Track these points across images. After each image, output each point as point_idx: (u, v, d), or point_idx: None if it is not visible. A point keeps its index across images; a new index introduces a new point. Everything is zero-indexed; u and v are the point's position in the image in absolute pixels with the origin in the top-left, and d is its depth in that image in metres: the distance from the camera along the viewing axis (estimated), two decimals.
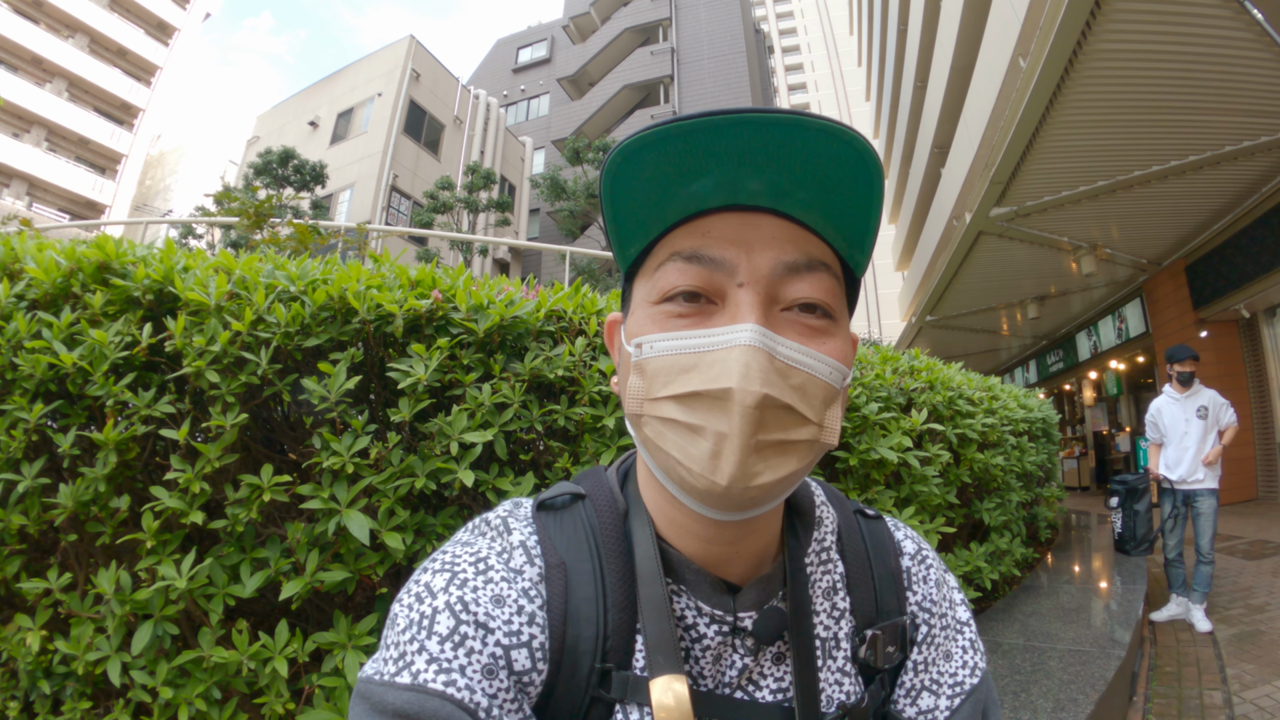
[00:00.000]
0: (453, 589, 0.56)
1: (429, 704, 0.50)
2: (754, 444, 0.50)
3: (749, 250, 0.54)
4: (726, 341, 0.51)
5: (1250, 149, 7.69)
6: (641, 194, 0.54)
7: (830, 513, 0.73)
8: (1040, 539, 6.06)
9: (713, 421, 0.50)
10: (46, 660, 1.85)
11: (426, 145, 24.33)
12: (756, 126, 0.49)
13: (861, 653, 0.67)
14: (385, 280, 2.01)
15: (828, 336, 0.55)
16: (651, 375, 0.54)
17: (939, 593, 0.75)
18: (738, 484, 0.50)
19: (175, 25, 34.75)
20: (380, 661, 0.54)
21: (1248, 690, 3.76)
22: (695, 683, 0.61)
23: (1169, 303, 11.79)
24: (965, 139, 12.05)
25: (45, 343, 1.82)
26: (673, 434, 0.52)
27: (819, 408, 0.53)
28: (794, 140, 0.49)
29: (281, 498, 1.76)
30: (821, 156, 0.51)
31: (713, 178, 0.52)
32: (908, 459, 2.93)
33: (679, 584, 0.61)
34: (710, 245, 0.54)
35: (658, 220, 0.56)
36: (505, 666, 0.54)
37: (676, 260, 0.55)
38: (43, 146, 29.41)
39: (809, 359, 0.53)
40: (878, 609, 0.70)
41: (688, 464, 0.52)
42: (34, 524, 1.83)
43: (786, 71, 72.76)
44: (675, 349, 0.53)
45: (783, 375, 0.51)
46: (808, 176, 0.52)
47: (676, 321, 0.54)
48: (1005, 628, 3.62)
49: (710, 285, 0.54)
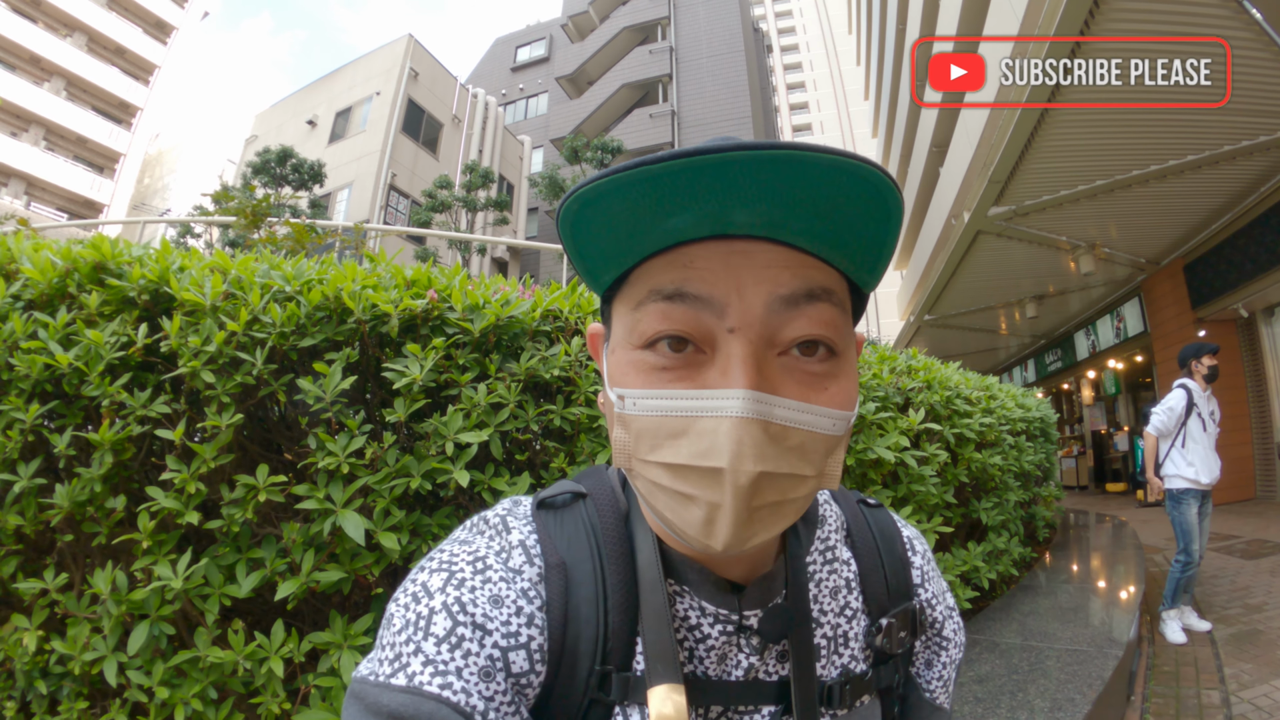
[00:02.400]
0: (450, 589, 0.54)
1: (424, 707, 0.49)
2: (750, 511, 0.48)
3: (739, 286, 0.49)
4: (716, 409, 0.47)
5: (1249, 149, 7.70)
6: (608, 234, 0.49)
7: (834, 510, 0.73)
8: (1038, 538, 6.06)
9: (705, 492, 0.48)
10: (43, 660, 1.85)
11: (425, 144, 24.33)
12: (746, 165, 0.42)
13: (878, 641, 0.67)
14: (381, 280, 2.01)
15: (830, 380, 0.52)
16: (637, 434, 0.52)
17: (937, 587, 0.77)
18: (733, 547, 0.49)
19: (174, 24, 34.74)
20: (375, 662, 0.53)
21: (1245, 690, 3.77)
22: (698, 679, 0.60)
23: (1167, 302, 11.80)
24: (964, 138, 12.04)
25: (41, 343, 1.82)
26: (665, 497, 0.51)
27: (819, 460, 0.51)
28: (790, 174, 0.43)
29: (277, 498, 1.76)
30: (825, 189, 0.45)
31: (693, 213, 0.46)
32: (905, 458, 2.93)
33: (682, 585, 0.61)
34: (694, 280, 0.49)
35: (630, 254, 0.51)
36: (503, 669, 0.53)
37: (657, 300, 0.50)
38: (41, 145, 29.40)
39: (809, 415, 0.49)
40: (889, 595, 0.71)
41: (681, 526, 0.50)
42: (30, 524, 1.83)
43: (785, 70, 72.74)
44: (662, 409, 0.50)
45: (779, 440, 0.48)
46: (808, 206, 0.46)
47: (661, 375, 0.50)
48: (1003, 627, 3.62)
49: (697, 329, 0.50)
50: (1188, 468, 4.90)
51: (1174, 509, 4.95)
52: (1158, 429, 5.05)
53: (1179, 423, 5.01)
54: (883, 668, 0.68)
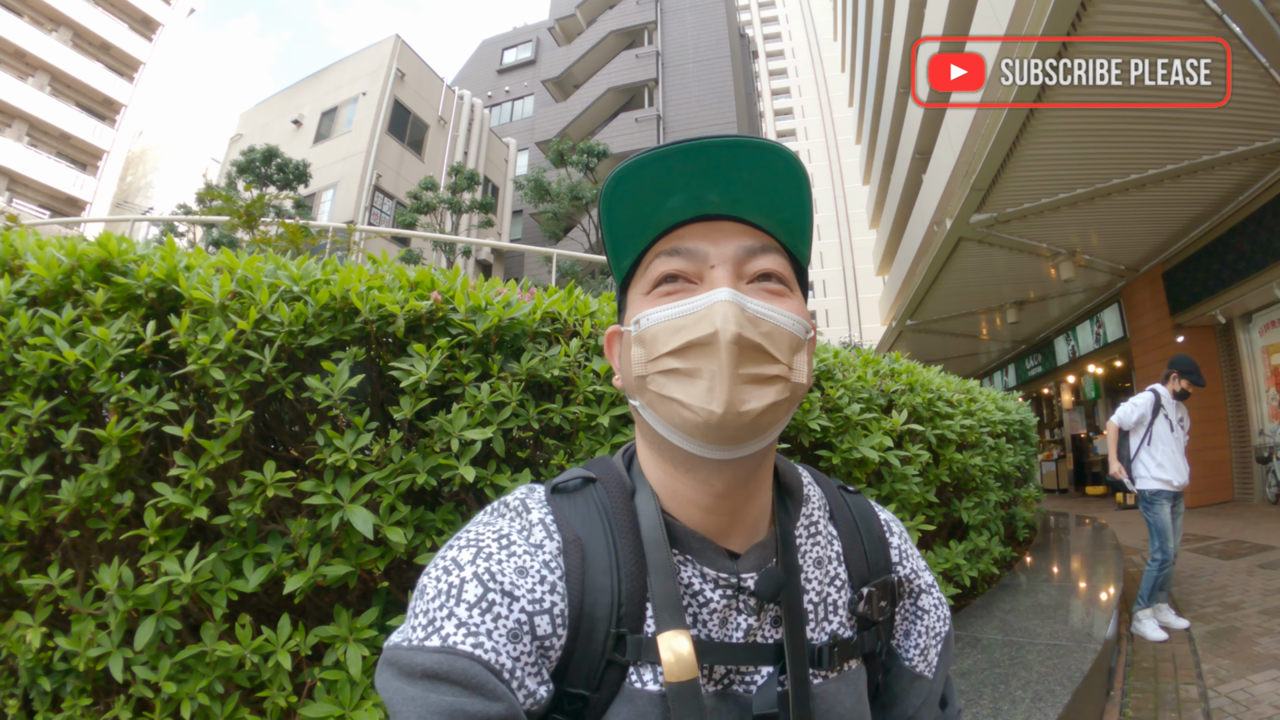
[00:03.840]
0: (479, 561, 0.61)
1: (458, 664, 0.55)
2: (738, 375, 0.60)
3: (716, 243, 0.67)
4: (707, 301, 0.62)
5: (1227, 158, 7.85)
6: (631, 211, 0.67)
7: (816, 491, 0.82)
8: (1019, 539, 6.15)
9: (704, 362, 0.60)
10: (46, 657, 1.86)
11: (410, 145, 24.23)
12: (709, 150, 0.63)
13: (860, 607, 0.74)
14: (386, 281, 2.05)
15: (785, 299, 0.67)
16: (650, 340, 0.64)
17: (916, 564, 0.84)
18: (731, 410, 0.59)
19: (159, 20, 34.43)
20: (409, 629, 0.59)
21: (1223, 685, 3.86)
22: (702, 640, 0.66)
23: (1147, 308, 11.98)
24: (947, 145, 12.19)
25: (47, 339, 1.83)
26: (673, 381, 0.62)
27: (786, 351, 0.64)
28: (739, 157, 0.64)
29: (284, 493, 1.79)
30: (762, 169, 0.65)
31: (682, 194, 0.66)
32: (888, 458, 3.00)
33: (684, 553, 0.68)
34: (686, 243, 0.67)
35: (644, 233, 0.69)
36: (529, 631, 0.60)
37: (662, 256, 0.67)
38: (24, 141, 29.00)
39: (771, 312, 0.64)
40: (869, 568, 0.78)
41: (688, 401, 0.61)
42: (35, 520, 1.85)
43: (770, 76, 73.04)
44: (668, 316, 0.64)
45: (753, 323, 0.62)
46: (753, 186, 0.66)
47: (668, 299, 0.65)
48: (984, 624, 3.69)
49: (691, 268, 0.66)
50: (1158, 469, 5.11)
51: (1147, 510, 5.15)
52: (1119, 419, 5.37)
53: (1142, 420, 5.25)
54: (866, 634, 0.75)
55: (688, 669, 0.60)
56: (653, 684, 0.63)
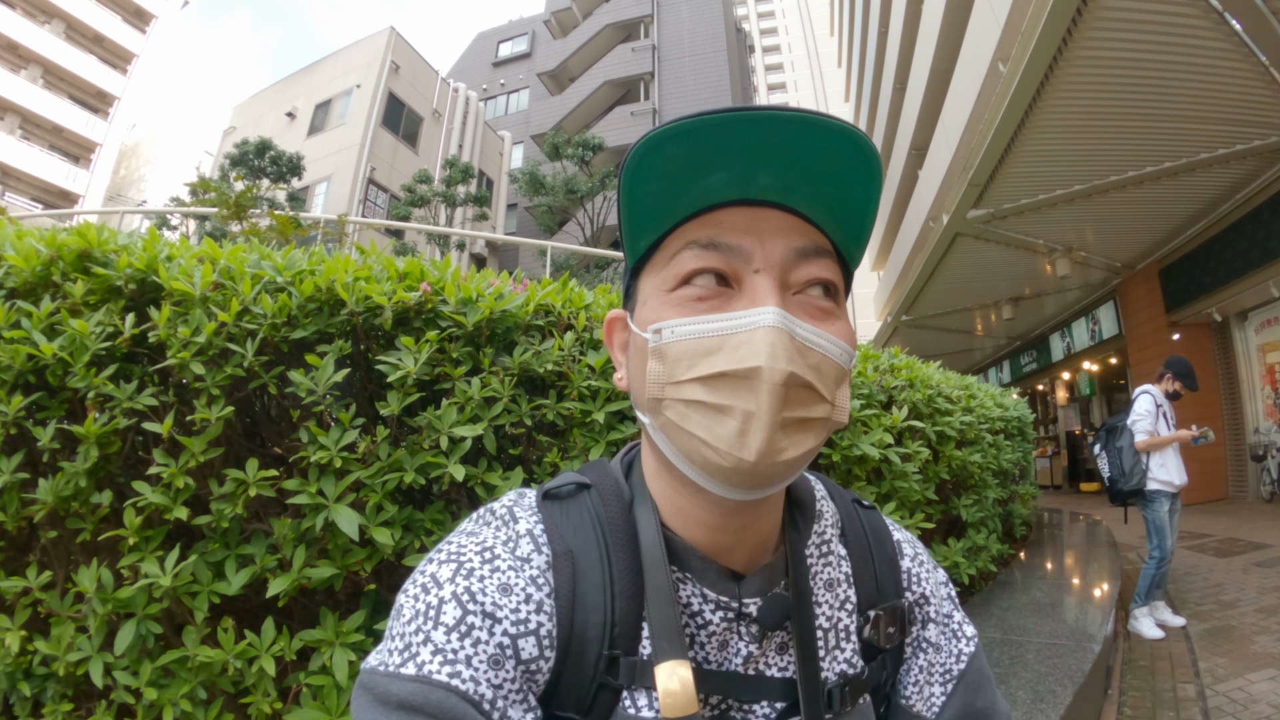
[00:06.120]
0: (459, 579, 0.56)
1: (433, 695, 0.50)
2: (779, 421, 0.51)
3: (761, 239, 0.56)
4: (750, 324, 0.52)
5: (1225, 156, 7.84)
6: (658, 185, 0.55)
7: (830, 506, 0.75)
8: (1015, 535, 6.14)
9: (739, 401, 0.51)
10: (26, 661, 1.81)
11: (405, 138, 24.15)
12: (770, 123, 0.50)
13: (866, 633, 0.69)
14: (373, 272, 1.99)
15: (834, 319, 0.58)
16: (674, 359, 0.55)
17: (931, 590, 0.77)
18: (765, 460, 0.51)
19: (153, 13, 34.11)
20: (385, 652, 0.54)
21: (1220, 683, 3.84)
22: (701, 667, 0.61)
23: (1142, 305, 11.98)
24: (943, 141, 12.17)
25: (24, 332, 1.77)
26: (698, 415, 0.53)
27: (831, 387, 0.55)
28: (804, 137, 0.51)
29: (267, 492, 1.73)
30: (828, 153, 0.52)
31: (725, 172, 0.54)
32: (889, 455, 2.95)
33: (684, 571, 0.62)
34: (725, 234, 0.56)
35: (671, 212, 0.57)
36: (512, 655, 0.55)
37: (693, 248, 0.56)
38: (16, 134, 28.77)
39: (823, 340, 0.55)
40: (879, 592, 0.72)
41: (714, 443, 0.52)
42: (12, 521, 1.79)
43: (767, 71, 73.01)
44: (698, 332, 0.54)
45: (802, 355, 0.53)
46: (815, 172, 0.54)
47: (696, 305, 0.55)
48: (982, 622, 3.66)
49: (728, 268, 0.56)
50: (1161, 469, 5.11)
51: (1147, 508, 5.16)
52: (1146, 431, 5.16)
53: (1154, 420, 5.20)
54: (873, 664, 0.69)
55: (688, 704, 0.54)
56: (648, 710, 0.58)
